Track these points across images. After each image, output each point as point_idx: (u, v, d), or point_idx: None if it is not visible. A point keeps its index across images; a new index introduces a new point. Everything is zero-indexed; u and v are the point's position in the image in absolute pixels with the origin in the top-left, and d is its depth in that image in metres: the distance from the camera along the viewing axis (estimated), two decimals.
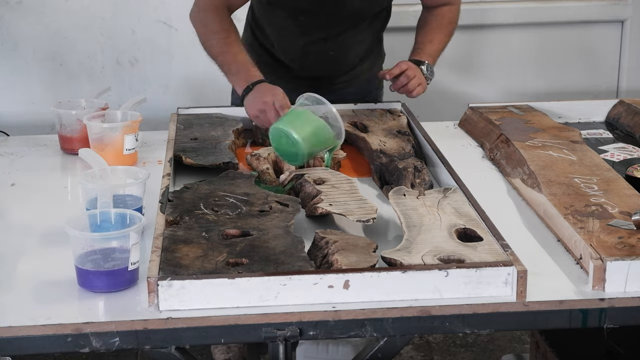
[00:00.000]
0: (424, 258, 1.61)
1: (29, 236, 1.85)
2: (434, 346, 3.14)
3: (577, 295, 1.59)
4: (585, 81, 3.79)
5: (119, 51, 3.47)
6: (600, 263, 1.59)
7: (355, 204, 1.87)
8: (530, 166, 2.04)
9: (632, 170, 2.09)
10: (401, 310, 1.53)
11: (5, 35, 3.42)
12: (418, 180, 2.01)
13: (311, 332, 1.51)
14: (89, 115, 2.22)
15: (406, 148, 2.20)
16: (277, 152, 2.11)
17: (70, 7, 3.42)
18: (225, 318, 1.50)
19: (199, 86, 3.44)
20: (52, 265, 1.73)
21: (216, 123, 2.41)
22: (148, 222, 1.72)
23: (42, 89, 3.46)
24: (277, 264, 1.60)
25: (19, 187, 2.12)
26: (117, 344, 1.49)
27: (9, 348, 1.48)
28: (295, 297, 1.53)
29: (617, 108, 2.55)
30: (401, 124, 2.40)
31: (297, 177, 2.02)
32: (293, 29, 2.49)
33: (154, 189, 2.04)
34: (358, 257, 1.63)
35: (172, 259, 1.61)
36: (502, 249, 1.64)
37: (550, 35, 3.74)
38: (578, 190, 1.91)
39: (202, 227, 1.74)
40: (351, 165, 2.23)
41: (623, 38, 3.79)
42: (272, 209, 1.84)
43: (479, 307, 1.54)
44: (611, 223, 1.74)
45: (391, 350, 1.62)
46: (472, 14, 3.64)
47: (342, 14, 2.46)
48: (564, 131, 2.31)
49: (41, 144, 2.40)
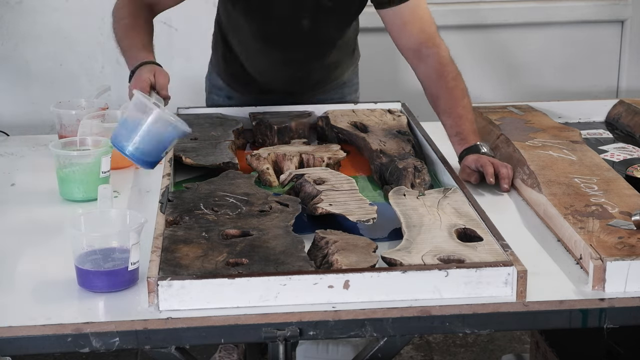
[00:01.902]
0: (424, 258, 1.61)
1: (29, 236, 1.85)
2: (434, 346, 3.14)
3: (577, 295, 1.59)
4: (585, 81, 3.79)
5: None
6: (600, 263, 1.59)
7: (355, 204, 1.87)
8: (530, 166, 2.04)
9: (632, 170, 2.09)
10: (401, 310, 1.53)
11: (5, 35, 3.42)
12: (418, 180, 2.01)
13: (311, 332, 1.51)
14: (89, 115, 2.22)
15: (406, 148, 2.20)
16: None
17: (70, 7, 3.42)
18: (225, 318, 1.50)
19: (199, 86, 3.43)
20: (52, 265, 1.73)
21: (216, 123, 2.41)
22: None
23: (42, 89, 3.47)
24: (277, 264, 1.60)
25: (19, 187, 2.12)
26: (117, 344, 1.49)
27: (9, 348, 1.48)
28: (295, 297, 1.53)
29: (617, 108, 2.55)
30: (401, 124, 2.40)
31: (297, 177, 2.02)
32: (260, 48, 2.46)
33: (154, 189, 2.04)
34: (358, 257, 1.63)
35: (172, 259, 1.61)
36: (502, 249, 1.64)
37: (550, 35, 3.74)
38: (578, 190, 1.91)
39: (202, 227, 1.74)
40: (351, 165, 2.22)
41: (623, 38, 3.79)
42: (272, 209, 1.84)
43: (479, 307, 1.54)
44: (611, 223, 1.74)
45: (391, 350, 1.62)
46: (472, 13, 3.65)
47: (307, 43, 2.42)
48: (564, 131, 2.31)
49: (41, 144, 2.40)
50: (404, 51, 2.32)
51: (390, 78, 3.51)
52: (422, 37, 2.28)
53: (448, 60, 2.26)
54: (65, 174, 2.01)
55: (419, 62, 2.29)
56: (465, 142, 2.14)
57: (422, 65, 2.28)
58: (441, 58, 2.25)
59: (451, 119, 2.18)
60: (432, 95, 2.25)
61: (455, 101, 2.20)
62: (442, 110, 2.21)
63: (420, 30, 2.28)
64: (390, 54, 2.73)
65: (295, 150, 2.18)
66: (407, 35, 2.29)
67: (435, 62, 2.25)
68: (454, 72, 2.24)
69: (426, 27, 2.29)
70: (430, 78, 2.26)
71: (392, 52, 2.76)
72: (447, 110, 2.20)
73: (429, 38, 2.28)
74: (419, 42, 2.28)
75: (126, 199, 2.04)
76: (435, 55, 2.26)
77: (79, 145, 2.07)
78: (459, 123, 2.17)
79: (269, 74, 2.51)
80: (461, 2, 3.59)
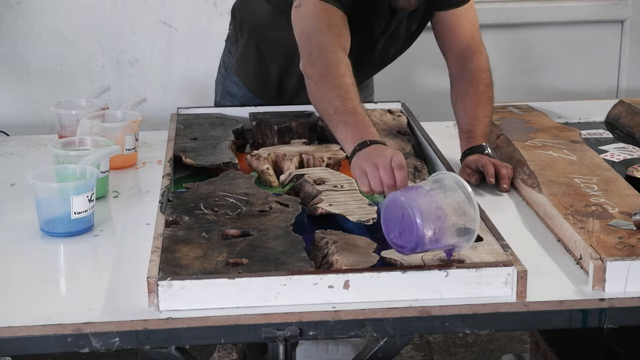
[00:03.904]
0: (424, 258, 1.61)
1: (29, 236, 1.85)
2: (434, 346, 3.14)
3: (577, 295, 1.59)
4: (585, 81, 3.79)
5: (119, 51, 3.48)
6: (600, 263, 1.59)
7: (355, 204, 1.87)
8: (530, 166, 2.04)
9: (632, 170, 2.09)
10: (401, 310, 1.53)
11: (5, 35, 3.42)
12: (418, 181, 2.01)
13: (311, 332, 1.51)
14: (89, 115, 2.22)
15: (406, 148, 2.20)
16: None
17: (70, 7, 3.42)
18: (225, 318, 1.50)
19: (199, 86, 3.44)
20: (52, 265, 1.73)
21: (216, 123, 2.41)
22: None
23: (42, 89, 3.47)
24: (277, 264, 1.60)
25: (19, 187, 2.12)
26: (117, 344, 1.49)
27: (9, 348, 1.48)
28: (295, 297, 1.53)
29: (617, 108, 2.55)
30: (401, 124, 2.40)
31: (297, 177, 2.02)
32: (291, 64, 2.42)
33: (154, 189, 2.04)
34: (358, 257, 1.63)
35: (172, 259, 1.61)
36: (502, 249, 1.64)
37: (550, 35, 3.74)
38: (578, 190, 1.91)
39: (202, 227, 1.74)
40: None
41: (623, 38, 3.79)
42: (272, 209, 1.84)
43: (479, 307, 1.54)
44: (611, 223, 1.74)
45: (391, 350, 1.62)
46: None
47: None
48: (564, 131, 2.31)
49: (41, 144, 2.40)
50: (449, 53, 2.32)
51: (391, 78, 3.51)
52: (470, 42, 2.30)
53: (486, 67, 2.28)
54: None
55: (458, 65, 2.29)
56: (472, 140, 2.14)
57: (461, 67, 2.28)
58: (481, 64, 2.27)
59: (467, 118, 2.19)
60: (458, 93, 2.25)
61: (479, 104, 2.21)
62: (463, 108, 2.22)
63: (470, 35, 2.30)
64: None
65: (295, 150, 2.18)
66: (458, 37, 2.31)
67: (475, 66, 2.26)
68: (487, 80, 2.26)
69: (475, 32, 2.32)
70: (464, 79, 2.26)
71: None
72: (468, 109, 2.21)
73: (476, 44, 2.30)
74: (466, 46, 2.29)
75: (126, 199, 2.04)
76: (477, 60, 2.27)
77: (78, 145, 2.08)
78: (474, 123, 2.17)
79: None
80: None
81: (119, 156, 2.09)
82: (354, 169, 1.80)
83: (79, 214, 1.82)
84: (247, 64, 2.56)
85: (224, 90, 2.65)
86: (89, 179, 1.85)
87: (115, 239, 1.84)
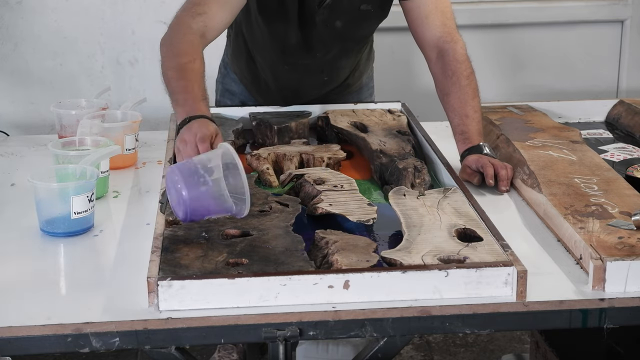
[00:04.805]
0: (424, 258, 1.61)
1: (29, 236, 1.85)
2: (434, 346, 3.14)
3: (577, 295, 1.59)
4: (585, 81, 3.80)
5: (119, 51, 3.48)
6: (600, 263, 1.59)
7: (355, 204, 1.87)
8: (530, 166, 2.04)
9: (632, 170, 2.09)
10: (401, 310, 1.53)
11: (5, 35, 3.42)
12: (418, 180, 2.01)
13: (311, 332, 1.51)
14: (89, 115, 2.22)
15: (406, 148, 2.20)
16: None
17: (70, 7, 3.42)
18: (225, 318, 1.50)
19: None
20: (52, 265, 1.73)
21: (216, 123, 2.41)
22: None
23: (42, 89, 3.47)
24: (277, 264, 1.60)
25: (19, 187, 2.12)
26: (117, 344, 1.49)
27: (9, 348, 1.48)
28: (295, 297, 1.53)
29: (617, 108, 2.55)
30: (401, 124, 2.40)
31: (297, 177, 2.02)
32: (280, 63, 2.45)
33: (154, 189, 2.04)
34: (358, 257, 1.63)
35: (172, 259, 1.61)
36: (502, 249, 1.64)
37: (550, 35, 3.74)
38: (578, 190, 1.91)
39: (202, 227, 1.74)
40: (351, 165, 2.22)
41: (623, 38, 3.79)
42: (272, 209, 1.84)
43: (479, 307, 1.54)
44: (611, 223, 1.74)
45: (391, 350, 1.62)
46: (472, 13, 3.65)
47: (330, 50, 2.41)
48: (564, 131, 2.31)
49: (41, 144, 2.40)
50: (422, 45, 2.32)
51: (391, 78, 3.51)
52: (442, 31, 2.27)
53: (464, 57, 2.25)
54: None
55: (435, 57, 2.28)
56: (468, 141, 2.13)
57: (438, 59, 2.27)
58: (457, 55, 2.24)
59: (458, 118, 2.18)
60: (442, 92, 2.24)
61: (465, 100, 2.19)
62: (451, 107, 2.21)
63: (441, 24, 2.28)
64: (390, 54, 2.74)
65: (295, 150, 2.18)
66: (428, 28, 2.29)
67: (451, 58, 2.24)
68: (467, 71, 2.23)
69: (447, 21, 2.29)
70: (444, 74, 2.24)
71: (392, 52, 2.76)
72: (456, 109, 2.19)
73: (449, 33, 2.27)
74: (438, 36, 2.27)
75: (126, 199, 2.04)
76: (452, 50, 2.25)
77: (78, 145, 2.08)
78: (466, 122, 2.17)
79: (293, 79, 2.49)
80: (460, 2, 3.59)
81: (119, 156, 2.09)
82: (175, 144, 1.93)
83: (79, 214, 1.82)
84: (239, 59, 2.57)
85: (224, 89, 2.66)
86: (89, 179, 1.85)
87: (115, 239, 1.84)
